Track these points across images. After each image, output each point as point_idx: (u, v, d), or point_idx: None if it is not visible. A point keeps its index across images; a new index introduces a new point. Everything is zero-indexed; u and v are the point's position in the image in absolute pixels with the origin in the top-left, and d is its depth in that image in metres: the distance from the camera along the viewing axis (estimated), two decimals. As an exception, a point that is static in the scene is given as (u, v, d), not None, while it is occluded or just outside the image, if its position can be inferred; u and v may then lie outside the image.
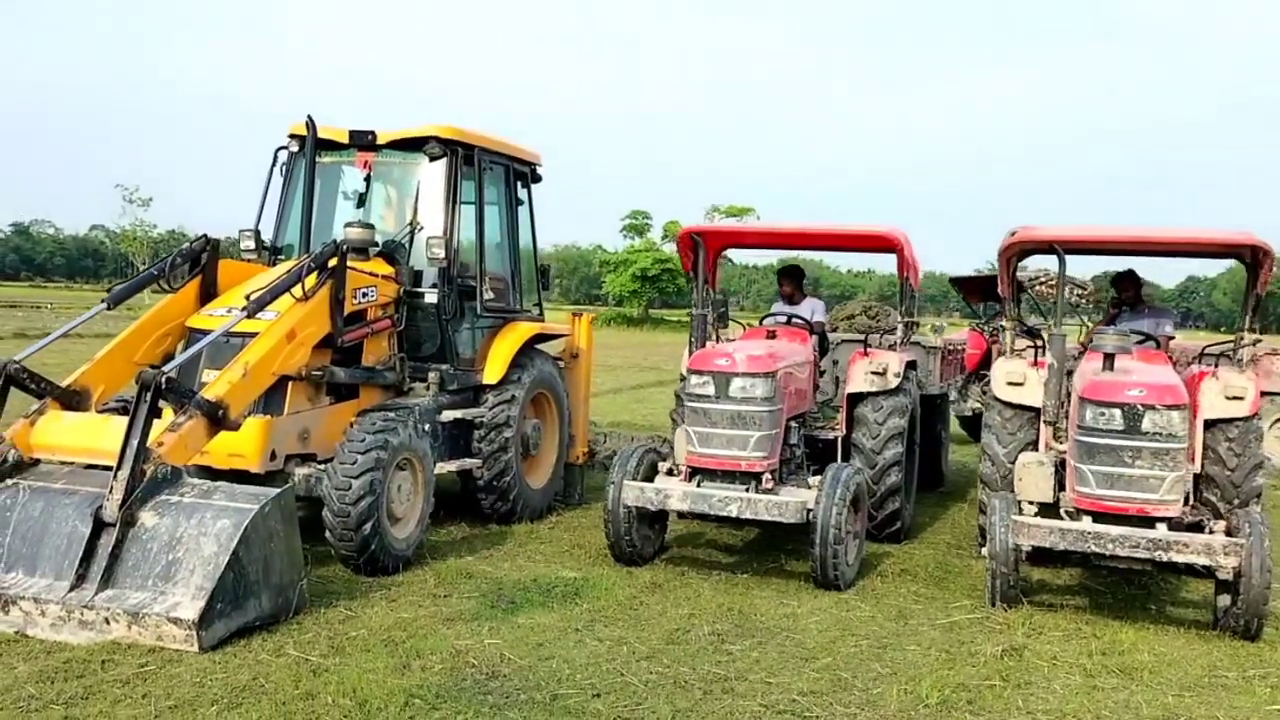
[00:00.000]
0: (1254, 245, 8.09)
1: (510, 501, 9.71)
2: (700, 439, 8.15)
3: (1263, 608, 6.75)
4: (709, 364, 8.17)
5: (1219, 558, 6.63)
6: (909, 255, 9.67)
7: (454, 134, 9.52)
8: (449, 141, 9.45)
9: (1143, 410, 6.90)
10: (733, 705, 5.38)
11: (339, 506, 7.33)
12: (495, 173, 10.23)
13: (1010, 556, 7.29)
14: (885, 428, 9.47)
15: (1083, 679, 6.02)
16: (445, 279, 9.31)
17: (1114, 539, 6.82)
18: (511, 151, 10.43)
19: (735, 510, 7.86)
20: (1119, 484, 6.98)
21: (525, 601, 7.14)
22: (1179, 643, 6.82)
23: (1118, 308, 9.62)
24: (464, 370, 9.59)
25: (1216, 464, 8.26)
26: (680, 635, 6.54)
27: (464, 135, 9.61)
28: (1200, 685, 6.01)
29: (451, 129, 9.55)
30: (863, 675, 5.95)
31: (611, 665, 5.89)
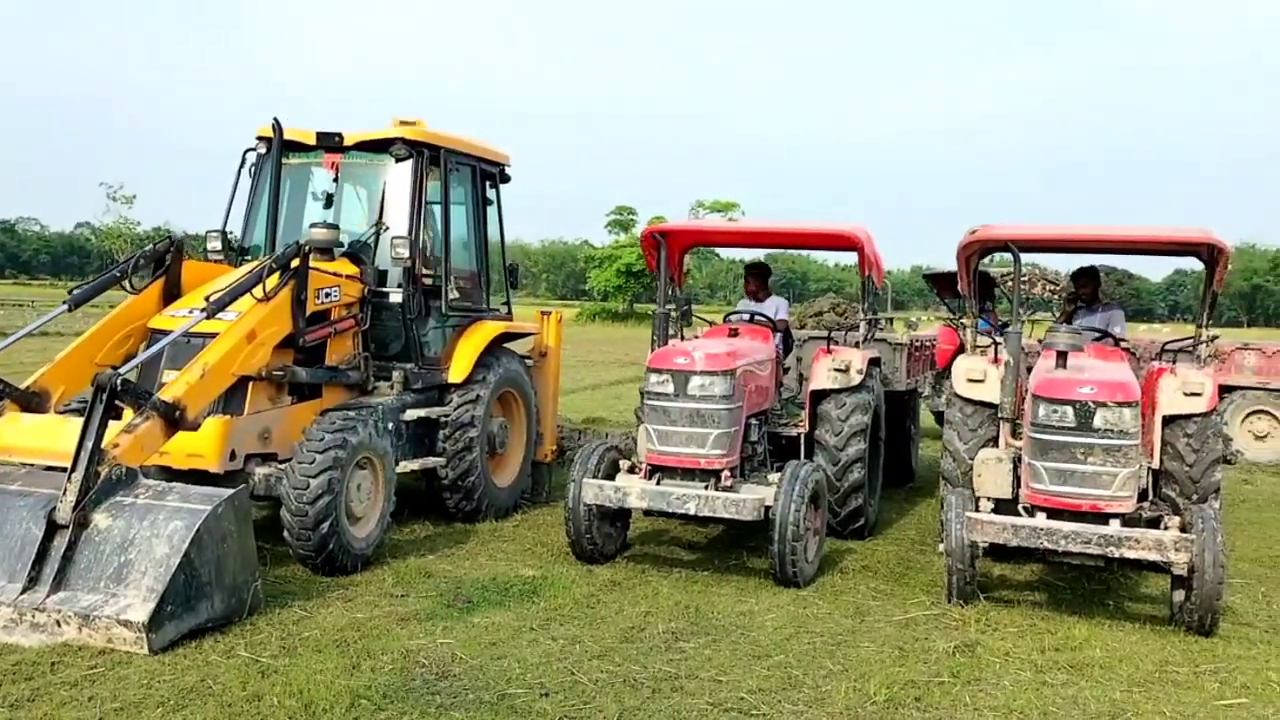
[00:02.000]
0: (1210, 243, 8.15)
1: (475, 500, 9.72)
2: (660, 437, 8.17)
3: (1216, 603, 6.81)
4: (668, 362, 8.19)
5: (1170, 553, 6.68)
6: (870, 253, 9.71)
7: (420, 135, 9.54)
8: (415, 143, 9.47)
9: (1094, 407, 6.95)
10: (681, 703, 5.41)
11: (297, 506, 7.33)
12: (462, 173, 10.24)
13: (966, 553, 7.33)
14: (848, 424, 9.50)
15: (1033, 675, 6.07)
16: (410, 279, 9.32)
17: (1066, 535, 6.87)
18: (479, 152, 10.44)
19: (694, 508, 7.89)
20: (1072, 480, 7.03)
21: (482, 600, 7.15)
22: (1133, 638, 6.86)
23: (1075, 304, 9.67)
24: (429, 369, 9.60)
25: (1175, 459, 8.32)
26: (635, 634, 6.56)
27: (430, 136, 9.62)
28: (1151, 681, 6.05)
29: (417, 130, 9.57)
30: (814, 673, 5.98)
31: (563, 664, 5.91)
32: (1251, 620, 7.36)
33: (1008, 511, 7.62)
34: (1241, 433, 15.96)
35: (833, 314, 13.81)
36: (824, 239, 10.61)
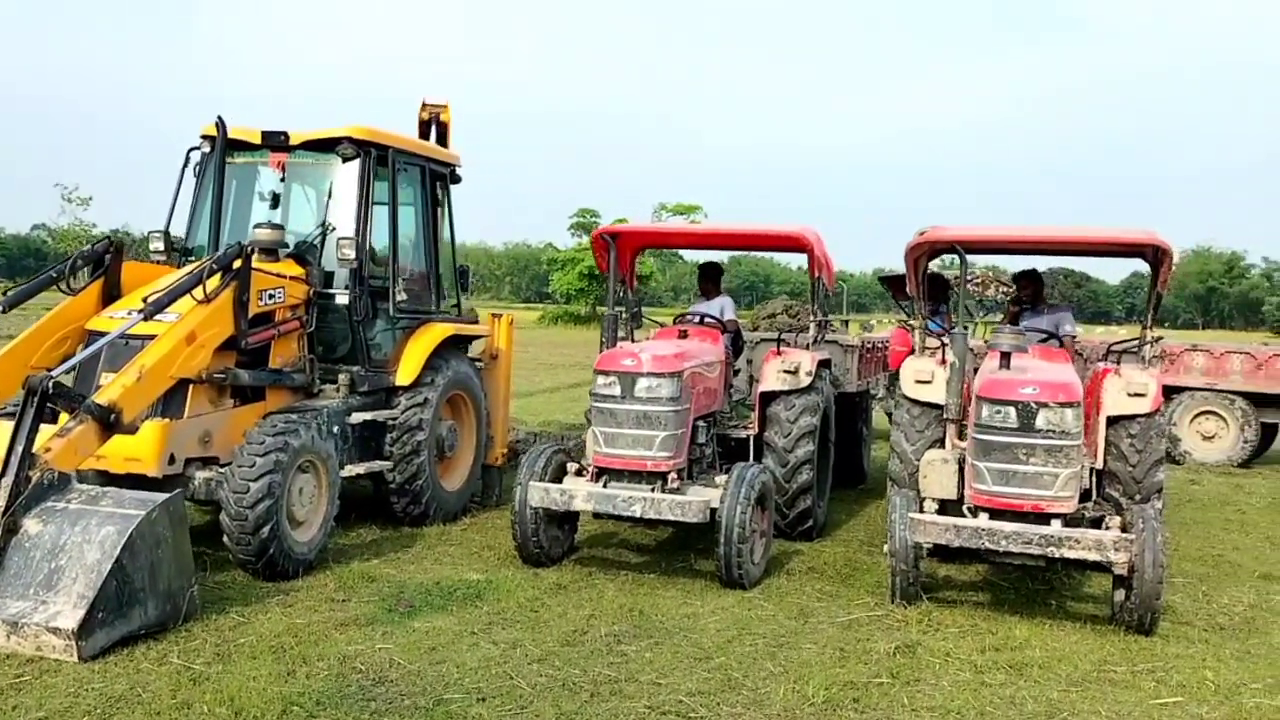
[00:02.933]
0: (1154, 244, 8.24)
1: (423, 504, 9.64)
2: (606, 439, 8.14)
3: (1155, 602, 6.86)
4: (615, 364, 8.17)
5: (1110, 553, 6.73)
6: (819, 254, 9.72)
7: (367, 135, 9.44)
8: (362, 142, 9.37)
9: (1036, 408, 6.99)
10: (618, 707, 5.38)
11: (236, 510, 7.23)
12: (410, 174, 10.15)
13: (909, 554, 7.36)
14: (797, 426, 9.51)
15: (972, 675, 6.09)
16: (357, 280, 9.22)
17: (1007, 535, 6.90)
18: (428, 152, 10.37)
19: (639, 510, 7.86)
20: (1014, 481, 7.07)
21: (425, 605, 7.09)
22: (1074, 638, 6.91)
23: (1019, 306, 9.73)
24: (376, 372, 9.51)
25: (1119, 460, 8.40)
26: (577, 637, 6.52)
27: (377, 136, 9.53)
28: (1089, 681, 6.09)
29: (364, 130, 9.47)
30: (754, 674, 5.97)
31: (503, 669, 5.87)
32: (1191, 619, 7.43)
33: (954, 512, 7.65)
34: (1190, 433, 16.17)
35: (785, 315, 13.84)
36: (773, 240, 10.62)
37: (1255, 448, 15.83)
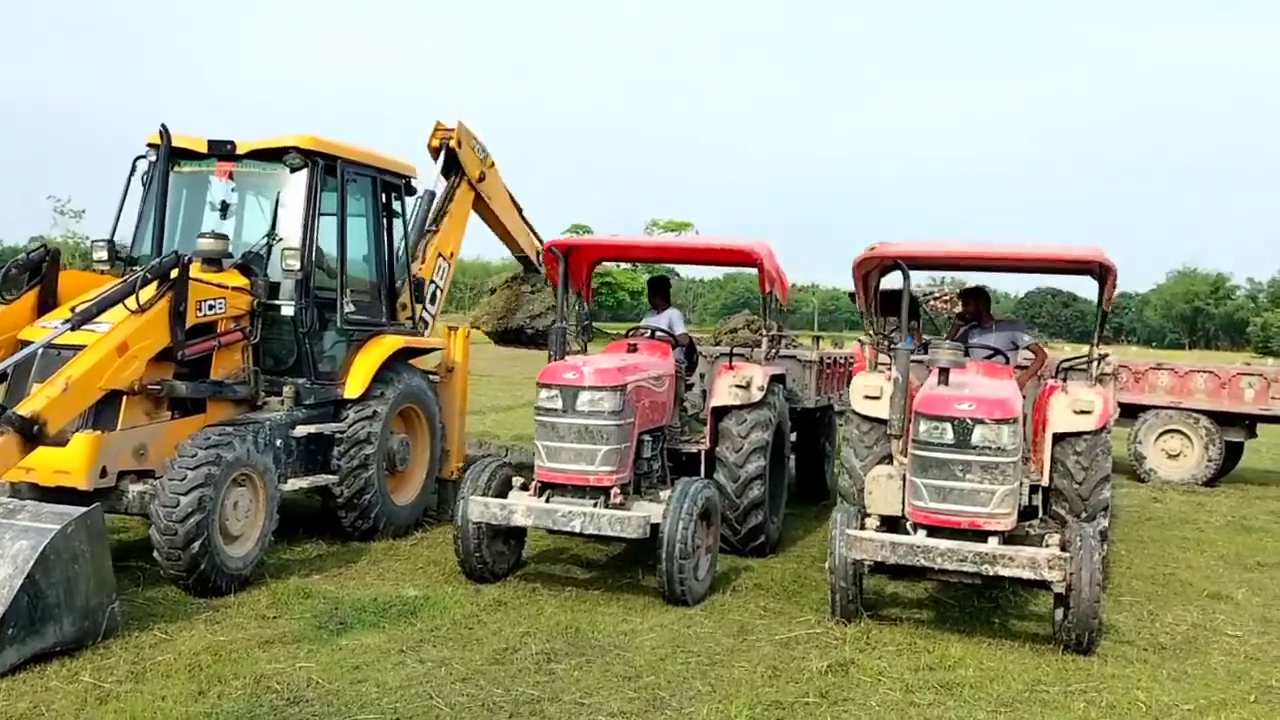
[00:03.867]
0: (1099, 261, 8.21)
1: (371, 519, 9.51)
2: (549, 453, 8.06)
3: (1093, 621, 6.80)
4: (557, 377, 8.09)
5: (1044, 571, 6.67)
6: (770, 269, 9.66)
7: (314, 144, 9.35)
8: (309, 152, 9.29)
9: (972, 424, 6.94)
10: (536, 728, 5.28)
11: (166, 524, 7.11)
12: (360, 184, 10.06)
13: (849, 571, 7.29)
14: (748, 441, 9.44)
15: (902, 695, 6.01)
16: (303, 291, 9.12)
17: (942, 553, 6.84)
18: (380, 163, 10.27)
19: (578, 525, 7.78)
20: (951, 497, 7.01)
21: (357, 622, 6.98)
22: (1011, 657, 6.84)
23: (965, 322, 9.70)
24: (323, 384, 9.40)
25: (1065, 477, 8.35)
26: (508, 655, 6.42)
27: (325, 146, 9.45)
28: (1019, 701, 6.02)
29: (312, 139, 9.38)
30: (681, 694, 5.88)
31: (424, 688, 5.76)
32: (1132, 639, 7.37)
33: (900, 529, 7.58)
34: (1155, 452, 16.14)
35: (748, 330, 13.74)
36: (724, 254, 10.58)
37: (1219, 466, 15.81)
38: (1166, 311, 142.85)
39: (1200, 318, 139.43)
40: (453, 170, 11.83)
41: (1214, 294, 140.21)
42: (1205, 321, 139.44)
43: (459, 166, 11.79)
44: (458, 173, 11.86)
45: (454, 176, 11.89)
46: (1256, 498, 14.81)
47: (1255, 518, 13.02)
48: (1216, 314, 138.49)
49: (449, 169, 11.82)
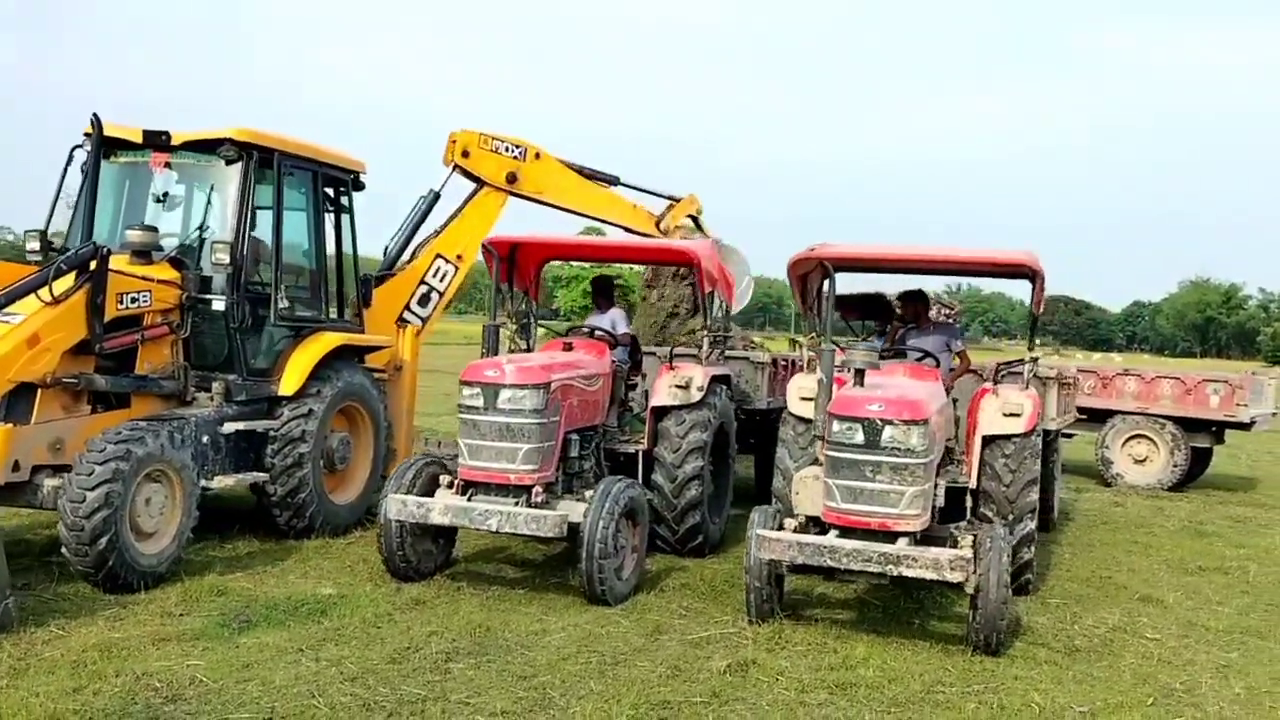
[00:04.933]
0: (1025, 265, 8.17)
1: (307, 517, 9.43)
2: (471, 451, 8.01)
3: (999, 622, 6.75)
4: (478, 375, 8.03)
5: (946, 572, 6.61)
6: (709, 270, 9.60)
7: (249, 136, 9.29)
8: (244, 144, 9.23)
9: (881, 425, 6.88)
10: (411, 728, 5.22)
11: (73, 520, 7.05)
12: (300, 178, 9.99)
13: (763, 571, 7.23)
14: (686, 441, 9.39)
15: (795, 695, 5.95)
16: (234, 285, 9.07)
17: (848, 553, 6.78)
18: (322, 157, 10.20)
19: (495, 524, 7.72)
20: (861, 498, 6.95)
21: (263, 620, 6.92)
22: (919, 658, 6.78)
23: (903, 325, 9.64)
24: (257, 381, 9.34)
25: (992, 479, 8.31)
26: (408, 654, 6.36)
27: (261, 138, 9.38)
28: (913, 701, 5.96)
29: (247, 131, 9.32)
30: (572, 694, 5.82)
31: (310, 687, 5.70)
32: (1048, 640, 7.30)
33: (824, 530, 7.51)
34: (1122, 456, 16.09)
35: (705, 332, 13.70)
36: (662, 254, 10.57)
37: (1185, 471, 15.74)
38: (1179, 320, 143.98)
39: (1212, 327, 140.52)
40: (476, 178, 11.88)
41: (1226, 303, 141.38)
42: (1217, 330, 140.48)
43: (481, 178, 11.83)
44: (478, 179, 11.91)
45: (478, 183, 11.94)
46: (1219, 503, 14.74)
47: (1212, 522, 12.94)
48: (1228, 323, 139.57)
49: (473, 177, 11.87)
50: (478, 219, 11.97)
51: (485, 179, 11.93)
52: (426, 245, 11.81)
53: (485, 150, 11.90)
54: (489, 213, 12.10)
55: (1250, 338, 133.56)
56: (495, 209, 12.14)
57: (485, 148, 11.89)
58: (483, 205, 12.03)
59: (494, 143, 11.96)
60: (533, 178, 12.25)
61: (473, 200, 11.98)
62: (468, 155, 11.78)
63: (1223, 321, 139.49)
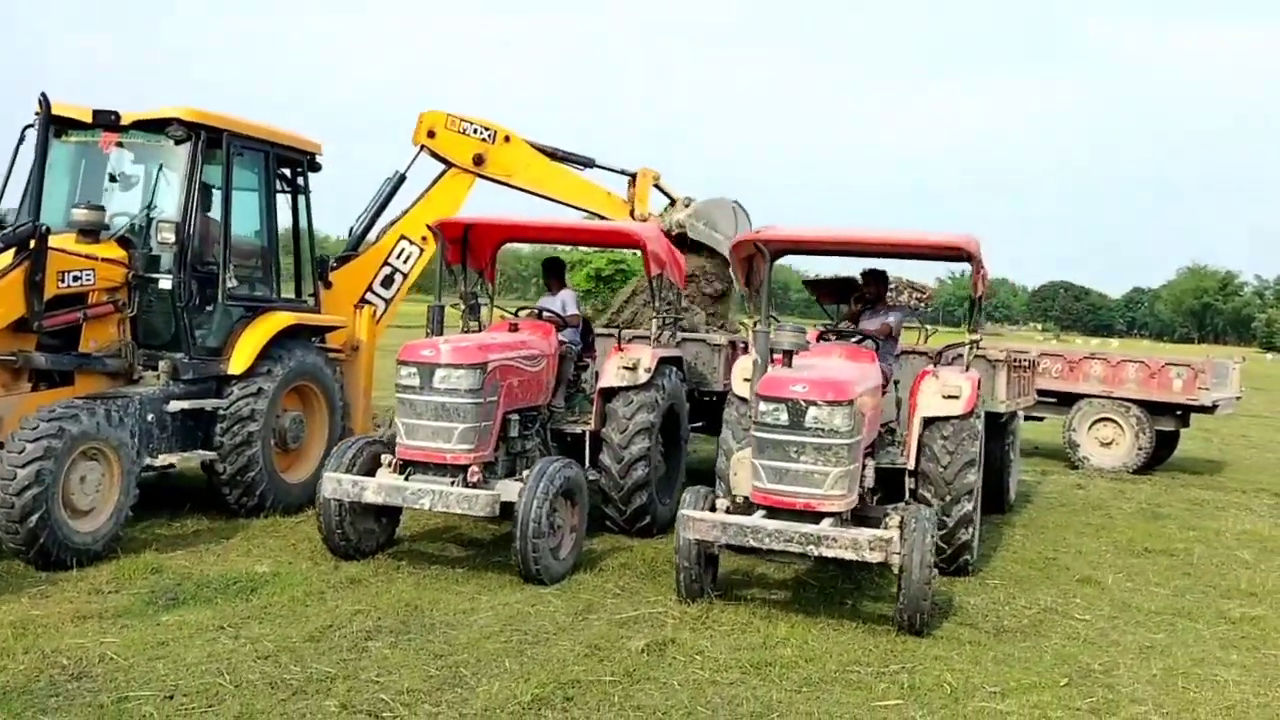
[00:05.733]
0: (961, 248, 8.19)
1: (257, 496, 9.45)
2: (407, 430, 8.03)
3: (923, 603, 6.78)
4: (414, 355, 8.04)
5: (865, 553, 6.63)
6: (655, 252, 9.60)
7: (197, 116, 9.28)
8: (192, 124, 9.22)
9: (805, 406, 6.89)
10: (311, 706, 5.24)
11: (3, 497, 7.07)
12: (251, 158, 9.98)
13: (692, 551, 7.26)
14: (633, 422, 9.41)
15: (708, 674, 5.98)
16: (180, 265, 9.07)
17: (769, 533, 6.80)
18: (274, 137, 10.19)
19: (428, 503, 7.75)
20: (786, 479, 6.97)
21: (192, 597, 6.95)
22: (844, 638, 6.81)
23: (862, 305, 9.64)
24: (204, 359, 9.35)
25: (930, 460, 8.34)
26: (328, 632, 6.38)
27: (209, 118, 9.37)
28: (825, 680, 5.99)
29: (195, 111, 9.31)
30: (484, 672, 5.84)
31: (221, 665, 5.71)
32: (978, 621, 7.33)
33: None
34: (1088, 439, 16.12)
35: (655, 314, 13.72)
36: (609, 236, 10.59)
37: (1149, 454, 15.77)
38: (1177, 306, 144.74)
39: (1209, 313, 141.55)
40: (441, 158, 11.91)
41: (1222, 290, 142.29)
42: (1214, 317, 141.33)
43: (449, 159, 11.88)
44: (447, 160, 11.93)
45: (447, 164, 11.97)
46: (1181, 486, 14.78)
47: (1169, 505, 12.98)
48: (1225, 310, 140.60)
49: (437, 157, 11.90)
50: (444, 201, 11.98)
51: (451, 160, 11.94)
52: (392, 227, 11.82)
53: (452, 131, 11.92)
54: (456, 195, 12.13)
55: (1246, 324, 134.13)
56: (462, 191, 12.16)
57: (452, 129, 11.91)
58: (449, 187, 12.05)
59: (462, 124, 11.97)
60: (501, 161, 12.26)
61: (439, 182, 12.00)
62: (433, 135, 11.82)
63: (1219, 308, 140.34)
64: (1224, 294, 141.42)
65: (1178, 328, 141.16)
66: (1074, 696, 5.92)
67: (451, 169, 11.98)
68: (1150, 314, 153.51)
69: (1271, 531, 11.41)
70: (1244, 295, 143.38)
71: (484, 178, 12.21)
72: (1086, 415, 16.11)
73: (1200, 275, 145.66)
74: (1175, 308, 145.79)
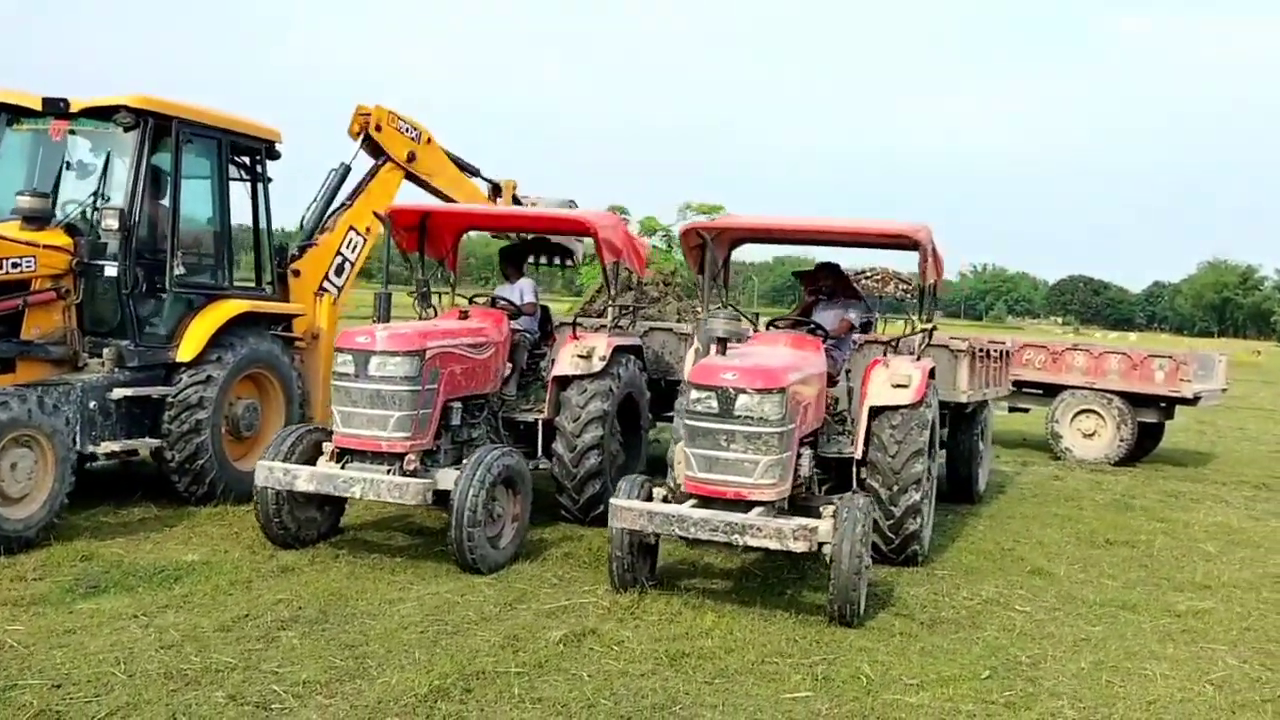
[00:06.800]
0: (910, 236, 8.07)
1: (207, 484, 9.38)
2: (344, 418, 7.93)
3: (853, 594, 6.65)
4: (350, 342, 7.95)
5: (789, 542, 6.51)
6: (609, 239, 9.48)
7: (145, 103, 9.20)
8: (140, 111, 9.14)
9: (734, 394, 6.77)
10: (199, 697, 5.13)
11: (-71, 484, 7.02)
12: (202, 146, 9.89)
13: (624, 540, 7.15)
14: (586, 411, 9.30)
15: (621, 665, 5.86)
16: (126, 252, 9.00)
17: (695, 522, 6.69)
18: (229, 125, 10.10)
19: (358, 491, 7.66)
20: (717, 467, 6.85)
21: (114, 585, 6.86)
22: (772, 628, 6.68)
23: (815, 296, 9.51)
24: (152, 347, 9.27)
25: (879, 450, 8.21)
26: (241, 622, 6.27)
27: (158, 105, 9.28)
28: (739, 672, 5.85)
29: (144, 98, 9.23)
30: (390, 663, 5.73)
31: (121, 654, 5.59)
32: (915, 613, 7.20)
33: None
34: (1071, 431, 15.97)
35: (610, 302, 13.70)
36: (560, 224, 10.45)
37: (1131, 446, 15.60)
38: (1197, 300, 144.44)
39: (1229, 307, 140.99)
40: (380, 152, 11.93)
41: (1243, 284, 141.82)
42: (1234, 311, 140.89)
43: (383, 152, 11.92)
44: (382, 154, 11.95)
45: (381, 157, 11.98)
46: (1161, 478, 14.61)
47: (1145, 496, 12.82)
48: (1245, 304, 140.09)
49: (375, 152, 11.94)
50: (380, 193, 12.04)
51: (392, 155, 12.00)
52: (340, 217, 11.78)
53: (393, 128, 11.99)
54: (390, 188, 12.23)
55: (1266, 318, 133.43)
56: (395, 185, 12.28)
57: (394, 125, 11.99)
58: (385, 180, 12.13)
59: (399, 121, 12.08)
60: (426, 161, 12.42)
61: (376, 175, 12.04)
62: (380, 130, 11.85)
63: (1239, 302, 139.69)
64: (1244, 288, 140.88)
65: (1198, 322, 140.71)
66: (992, 689, 5.79)
67: (388, 163, 12.00)
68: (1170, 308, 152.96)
69: (1241, 524, 11.24)
70: (1264, 289, 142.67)
71: (411, 175, 12.31)
72: (1069, 406, 15.95)
73: (1221, 269, 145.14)
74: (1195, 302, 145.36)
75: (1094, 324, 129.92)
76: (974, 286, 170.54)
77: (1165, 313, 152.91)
